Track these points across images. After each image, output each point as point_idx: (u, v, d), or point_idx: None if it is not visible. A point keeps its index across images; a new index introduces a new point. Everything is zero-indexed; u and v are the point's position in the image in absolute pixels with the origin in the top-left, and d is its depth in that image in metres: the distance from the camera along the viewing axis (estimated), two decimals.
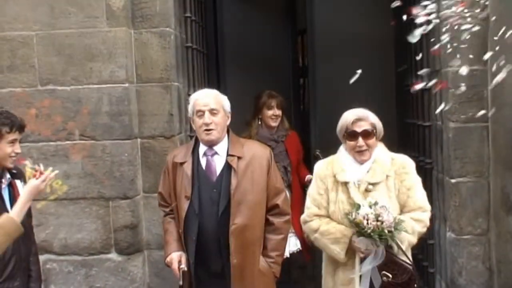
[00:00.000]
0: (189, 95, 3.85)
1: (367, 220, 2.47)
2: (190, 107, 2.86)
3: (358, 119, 2.77)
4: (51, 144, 3.62)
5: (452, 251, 3.66)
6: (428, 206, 2.89)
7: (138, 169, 3.69)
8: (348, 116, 2.81)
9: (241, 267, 2.77)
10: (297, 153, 4.22)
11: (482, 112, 3.46)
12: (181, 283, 2.73)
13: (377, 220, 2.45)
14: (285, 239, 2.99)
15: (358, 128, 2.76)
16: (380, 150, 2.85)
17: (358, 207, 2.56)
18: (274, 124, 4.09)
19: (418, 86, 2.70)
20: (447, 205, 3.59)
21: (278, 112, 4.08)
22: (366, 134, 2.76)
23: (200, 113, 2.76)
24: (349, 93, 3.92)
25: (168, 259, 2.85)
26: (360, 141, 2.74)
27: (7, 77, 3.59)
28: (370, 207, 2.49)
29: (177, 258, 2.80)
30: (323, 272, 3.00)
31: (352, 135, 2.76)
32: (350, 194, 2.74)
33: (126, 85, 3.58)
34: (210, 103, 2.77)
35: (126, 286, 3.68)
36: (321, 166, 2.93)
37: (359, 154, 2.77)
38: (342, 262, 2.75)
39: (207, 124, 2.74)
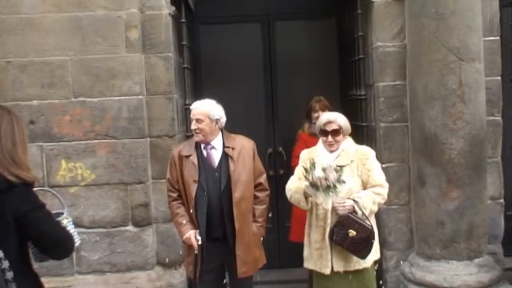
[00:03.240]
0: (185, 104, 4.98)
1: (320, 180, 3.37)
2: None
3: (328, 122, 3.66)
4: (82, 143, 4.59)
5: (384, 217, 4.84)
6: (386, 184, 3.69)
7: (148, 161, 4.70)
8: (322, 119, 3.71)
9: (241, 230, 3.55)
10: None
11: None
12: (196, 251, 3.55)
13: (325, 179, 3.37)
14: (267, 208, 3.79)
15: (329, 128, 3.63)
16: (348, 143, 3.77)
17: (312, 167, 3.39)
18: None
19: None
20: None
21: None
22: (334, 133, 3.63)
23: (191, 120, 3.63)
24: (306, 101, 5.09)
25: (187, 235, 3.57)
26: (330, 137, 3.65)
27: (48, 92, 4.55)
28: (323, 170, 3.37)
29: (194, 235, 3.55)
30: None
31: (324, 133, 3.68)
32: None
33: (140, 97, 4.61)
34: (196, 114, 3.58)
35: (141, 251, 4.67)
36: (304, 153, 3.84)
37: (329, 146, 3.70)
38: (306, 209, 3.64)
39: (193, 129, 3.58)
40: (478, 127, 4.32)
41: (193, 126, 3.58)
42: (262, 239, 3.84)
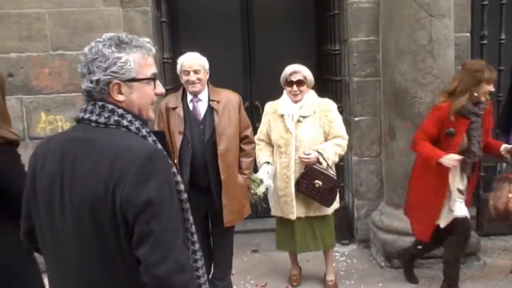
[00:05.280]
0: (163, 58, 5.05)
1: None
2: (178, 67, 3.62)
3: (294, 72, 3.85)
4: (61, 96, 4.65)
5: (356, 169, 5.05)
6: (346, 135, 3.97)
7: None
8: (288, 69, 3.88)
9: (227, 181, 3.58)
10: (489, 124, 4.03)
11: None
12: None
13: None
14: (253, 161, 3.84)
15: (294, 78, 3.85)
16: (311, 95, 3.97)
17: (258, 185, 3.84)
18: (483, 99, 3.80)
19: None
20: (352, 136, 4.85)
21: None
22: (299, 83, 3.86)
23: (186, 72, 3.54)
24: (282, 55, 5.17)
25: None
26: (295, 87, 3.85)
27: (26, 44, 4.57)
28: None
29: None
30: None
31: (289, 82, 3.87)
32: (285, 123, 3.89)
33: None
34: (194, 65, 3.55)
35: None
36: (268, 105, 4.09)
37: (294, 96, 3.89)
38: None
39: (192, 81, 3.53)
40: (447, 81, 4.48)
41: (192, 77, 3.56)
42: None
